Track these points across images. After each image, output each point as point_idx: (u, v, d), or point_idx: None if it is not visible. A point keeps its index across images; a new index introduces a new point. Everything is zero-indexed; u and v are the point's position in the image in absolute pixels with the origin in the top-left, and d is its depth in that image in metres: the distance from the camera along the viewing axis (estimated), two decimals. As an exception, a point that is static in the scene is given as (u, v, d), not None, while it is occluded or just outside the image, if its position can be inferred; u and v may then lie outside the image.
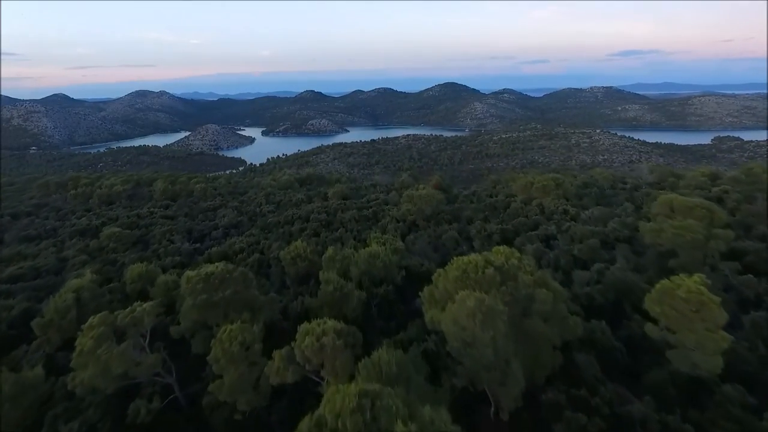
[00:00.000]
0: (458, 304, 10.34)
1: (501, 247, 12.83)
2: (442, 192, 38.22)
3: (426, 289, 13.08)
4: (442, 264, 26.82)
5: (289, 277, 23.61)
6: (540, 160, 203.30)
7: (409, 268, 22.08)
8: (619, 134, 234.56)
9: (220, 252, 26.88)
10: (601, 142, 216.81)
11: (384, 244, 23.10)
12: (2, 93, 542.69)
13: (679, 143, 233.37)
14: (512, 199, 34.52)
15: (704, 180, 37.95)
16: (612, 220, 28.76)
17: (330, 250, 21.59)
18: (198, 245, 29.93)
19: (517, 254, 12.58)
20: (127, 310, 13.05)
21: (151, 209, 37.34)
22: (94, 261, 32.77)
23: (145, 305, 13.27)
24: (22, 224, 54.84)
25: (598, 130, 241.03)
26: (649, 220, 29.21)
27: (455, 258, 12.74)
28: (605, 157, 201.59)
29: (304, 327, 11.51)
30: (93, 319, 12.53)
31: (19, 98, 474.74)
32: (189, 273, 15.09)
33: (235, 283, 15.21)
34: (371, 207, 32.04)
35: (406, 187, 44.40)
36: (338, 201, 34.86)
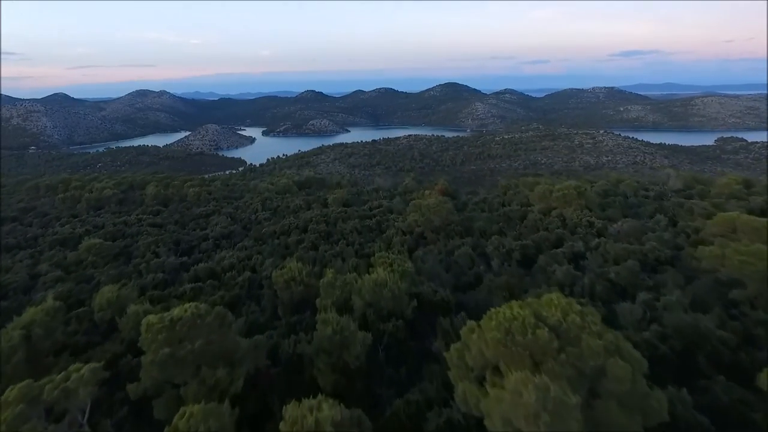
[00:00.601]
0: (511, 394, 7.25)
1: (553, 296, 9.66)
2: (449, 198, 35.08)
3: (453, 348, 9.92)
4: (457, 287, 23.49)
5: (282, 304, 20.44)
6: (543, 161, 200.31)
7: (421, 296, 18.88)
8: (622, 135, 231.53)
9: (207, 269, 23.87)
10: (604, 143, 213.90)
11: (391, 265, 19.91)
12: (4, 92, 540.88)
13: (682, 144, 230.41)
14: (528, 208, 31.14)
15: (738, 188, 34.68)
16: (646, 235, 25.53)
17: (329, 274, 18.41)
18: (185, 259, 26.95)
19: (576, 306, 9.42)
20: (59, 377, 9.92)
21: (140, 216, 34.23)
22: (69, 278, 29.59)
23: (83, 370, 10.12)
24: (4, 232, 51.80)
25: (601, 131, 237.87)
26: (688, 236, 26.01)
27: (494, 310, 9.59)
28: (609, 158, 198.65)
29: (289, 413, 8.37)
30: (9, 392, 9.41)
31: (20, 98, 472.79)
32: (150, 318, 11.94)
33: (209, 329, 12.06)
34: (375, 216, 28.95)
35: (410, 191, 41.25)
36: (339, 208, 31.77)
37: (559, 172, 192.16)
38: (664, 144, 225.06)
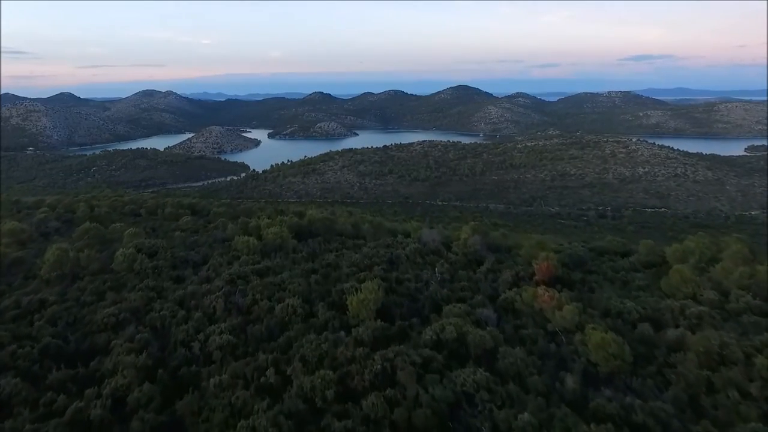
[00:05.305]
0: None
1: None
2: (564, 288, 17.79)
3: None
4: None
5: None
6: (572, 173, 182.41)
7: None
8: (657, 144, 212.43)
9: None
10: (639, 153, 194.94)
11: None
12: (14, 92, 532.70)
13: (711, 153, 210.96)
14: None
15: None
16: None
17: None
18: None
19: None
20: None
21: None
22: None
23: None
24: None
25: (634, 139, 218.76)
26: None
27: None
28: (646, 169, 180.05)
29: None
30: None
31: (28, 97, 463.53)
32: None
33: None
34: (464, 392, 11.59)
35: (477, 259, 24.14)
36: (372, 331, 15.04)
37: (592, 184, 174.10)
38: (703, 154, 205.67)
